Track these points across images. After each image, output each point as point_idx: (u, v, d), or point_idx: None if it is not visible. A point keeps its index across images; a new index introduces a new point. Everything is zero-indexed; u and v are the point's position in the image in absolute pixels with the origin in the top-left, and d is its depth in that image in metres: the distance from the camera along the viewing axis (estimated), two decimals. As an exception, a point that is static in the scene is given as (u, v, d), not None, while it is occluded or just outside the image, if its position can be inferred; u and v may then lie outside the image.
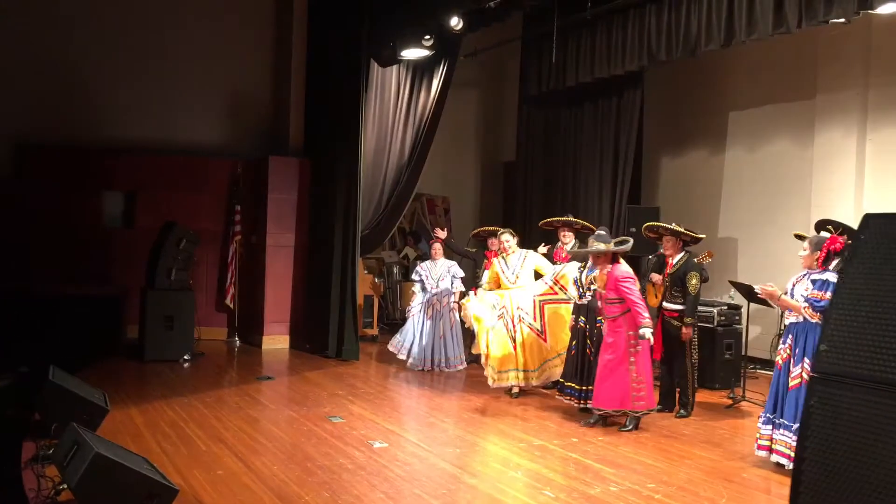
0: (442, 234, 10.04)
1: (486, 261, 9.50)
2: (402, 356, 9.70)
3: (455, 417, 7.51)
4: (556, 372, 7.99)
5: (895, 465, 2.38)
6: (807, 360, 5.56)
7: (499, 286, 8.41)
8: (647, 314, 6.70)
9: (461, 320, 8.94)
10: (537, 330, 8.10)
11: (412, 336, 9.70)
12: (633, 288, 6.78)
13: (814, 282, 5.69)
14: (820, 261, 5.78)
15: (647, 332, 6.62)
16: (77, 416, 5.44)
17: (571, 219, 9.10)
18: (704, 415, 7.53)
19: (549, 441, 6.43)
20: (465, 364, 9.63)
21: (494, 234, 9.47)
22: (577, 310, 7.62)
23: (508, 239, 8.47)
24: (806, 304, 5.65)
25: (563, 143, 11.91)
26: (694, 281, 7.30)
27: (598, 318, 7.31)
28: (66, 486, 4.49)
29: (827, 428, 2.57)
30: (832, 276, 5.62)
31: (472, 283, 9.91)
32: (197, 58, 11.60)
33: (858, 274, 2.62)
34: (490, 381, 8.00)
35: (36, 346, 8.39)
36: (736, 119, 11.08)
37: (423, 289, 9.75)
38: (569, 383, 7.50)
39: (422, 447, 6.18)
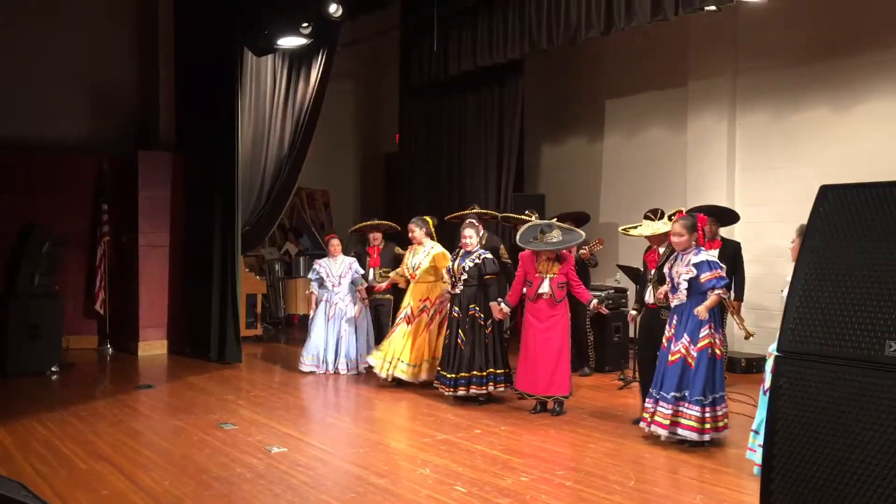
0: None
1: (369, 258, 9.25)
2: (319, 368, 8.93)
3: (353, 416, 7.29)
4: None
5: (869, 443, 2.38)
6: (686, 337, 5.79)
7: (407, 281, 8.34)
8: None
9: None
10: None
11: (322, 342, 8.97)
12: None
13: (697, 265, 5.77)
14: (701, 238, 5.98)
15: (594, 301, 7.01)
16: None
17: (478, 210, 8.92)
18: (598, 398, 7.62)
19: (453, 434, 6.31)
20: (358, 367, 8.96)
21: (377, 229, 9.27)
22: (451, 299, 7.55)
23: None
24: (720, 290, 5.76)
25: (446, 132, 11.84)
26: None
27: (471, 306, 7.31)
28: (-73, 521, 3.98)
29: (797, 409, 2.54)
30: (710, 254, 5.98)
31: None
32: (54, 47, 10.73)
33: (820, 248, 2.60)
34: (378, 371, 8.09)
35: None
36: (613, 106, 11.34)
37: (322, 286, 9.07)
38: (444, 372, 7.42)
39: (323, 449, 5.92)
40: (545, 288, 6.91)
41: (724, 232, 8.19)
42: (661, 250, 6.45)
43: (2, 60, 10.29)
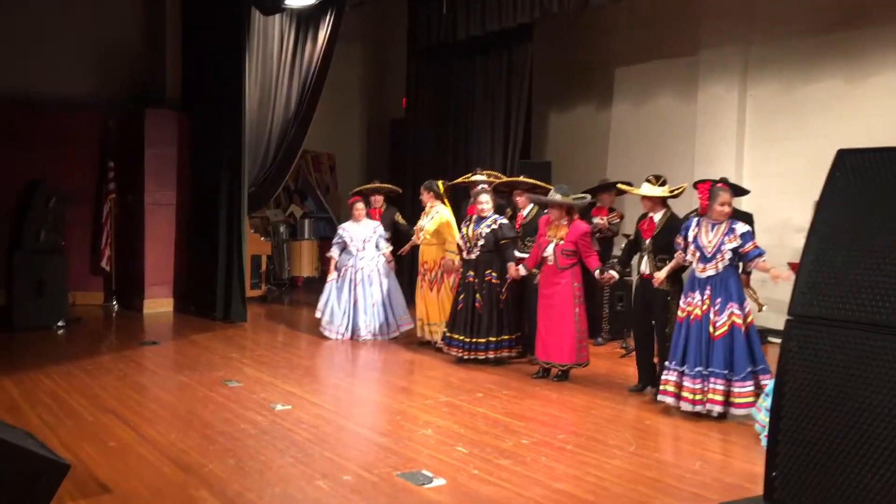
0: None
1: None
2: (332, 334, 8.69)
3: (356, 377, 7.35)
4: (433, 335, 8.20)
5: (878, 407, 2.38)
6: (734, 307, 5.67)
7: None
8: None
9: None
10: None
11: (337, 307, 8.70)
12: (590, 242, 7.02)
13: (743, 235, 5.70)
14: (704, 208, 5.90)
15: (597, 271, 6.70)
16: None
17: (480, 176, 8.57)
18: (601, 365, 7.66)
19: (455, 397, 6.35)
20: (399, 330, 8.76)
21: (378, 192, 9.24)
22: (466, 264, 7.56)
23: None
24: (763, 259, 5.74)
25: (453, 97, 11.75)
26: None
27: (487, 271, 7.33)
28: (-63, 467, 4.03)
29: (806, 372, 2.54)
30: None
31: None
32: (61, 2, 10.64)
33: (835, 212, 2.58)
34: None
35: None
36: (623, 74, 11.23)
37: (345, 251, 8.75)
38: (457, 336, 7.46)
39: (326, 409, 5.96)
40: (548, 252, 6.90)
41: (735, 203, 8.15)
42: (657, 218, 6.32)
43: (9, 16, 10.20)
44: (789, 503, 2.71)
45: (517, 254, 7.40)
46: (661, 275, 6.05)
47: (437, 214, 8.22)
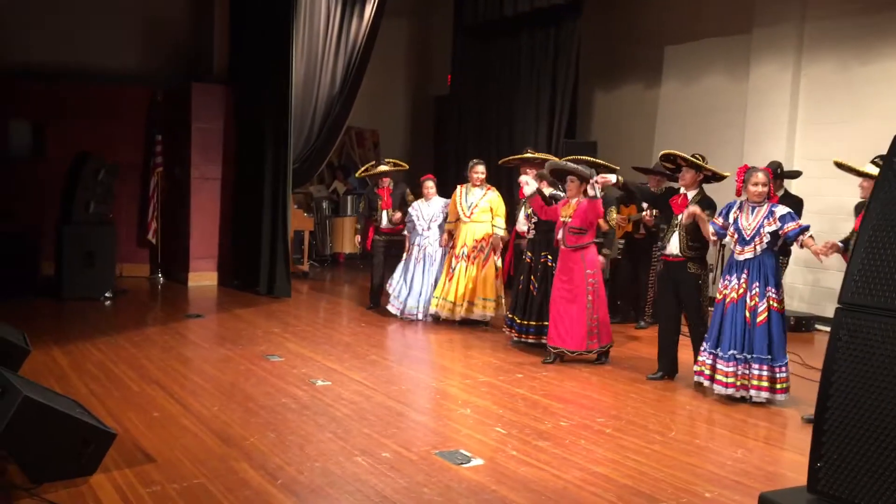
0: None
1: (380, 200, 9.08)
2: (396, 310, 8.64)
3: (397, 354, 7.37)
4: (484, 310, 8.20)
5: None
6: (771, 291, 5.60)
7: (457, 219, 8.34)
8: None
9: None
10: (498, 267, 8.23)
11: (404, 284, 8.63)
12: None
13: (782, 218, 5.59)
14: (739, 189, 5.81)
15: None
16: (-4, 357, 5.04)
17: (530, 154, 8.35)
18: (643, 349, 7.58)
19: (495, 377, 6.35)
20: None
21: (386, 174, 9.11)
22: (527, 245, 7.55)
23: (482, 170, 8.25)
24: (809, 235, 5.62)
25: (498, 75, 11.64)
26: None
27: (542, 253, 7.25)
28: (-11, 433, 4.15)
29: (855, 362, 2.47)
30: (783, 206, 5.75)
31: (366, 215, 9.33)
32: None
33: (890, 200, 2.49)
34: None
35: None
36: (672, 53, 11.02)
37: (413, 230, 8.67)
38: (516, 318, 7.44)
39: (366, 385, 6.00)
40: (559, 233, 6.83)
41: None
42: (690, 195, 6.10)
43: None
44: (834, 495, 2.65)
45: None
46: (696, 210, 5.94)
47: (489, 192, 8.27)
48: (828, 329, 7.24)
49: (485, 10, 11.28)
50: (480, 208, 8.20)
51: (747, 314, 5.65)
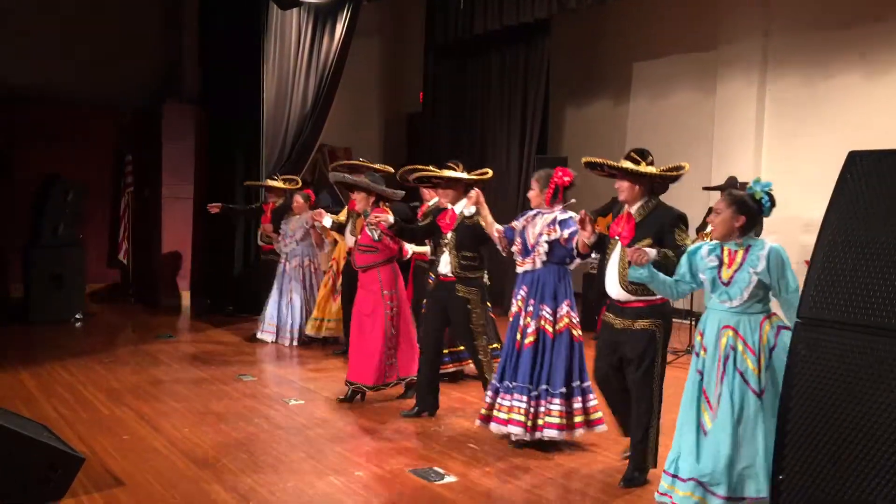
0: None
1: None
2: None
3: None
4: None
5: (885, 410, 2.35)
6: (546, 309, 4.84)
7: None
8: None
9: None
10: None
11: None
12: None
13: (562, 223, 4.81)
14: (548, 198, 4.90)
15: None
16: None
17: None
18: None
19: (466, 394, 6.34)
20: None
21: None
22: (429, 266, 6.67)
23: None
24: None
25: (470, 92, 11.73)
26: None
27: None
28: (-46, 459, 4.07)
29: (814, 375, 2.52)
30: (566, 213, 4.90)
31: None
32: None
33: (845, 215, 2.55)
34: None
35: None
36: (640, 69, 11.16)
37: None
38: None
39: (339, 404, 5.96)
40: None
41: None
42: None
43: (26, 12, 10.25)
44: (796, 506, 2.68)
45: (416, 248, 6.51)
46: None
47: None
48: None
49: (455, 28, 11.36)
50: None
51: (517, 335, 4.93)
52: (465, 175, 5.59)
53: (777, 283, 3.57)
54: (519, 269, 5.00)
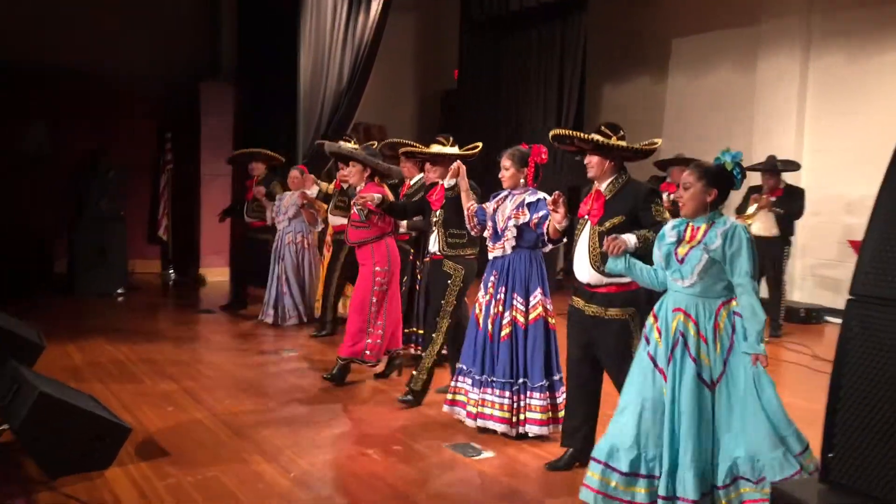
0: None
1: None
2: None
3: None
4: None
5: None
6: (517, 298, 4.61)
7: None
8: None
9: None
10: None
11: None
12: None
13: (530, 206, 4.60)
14: (530, 177, 4.70)
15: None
16: (12, 353, 5.11)
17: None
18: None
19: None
20: None
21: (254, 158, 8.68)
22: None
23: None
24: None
25: (506, 69, 11.66)
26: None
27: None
28: (6, 427, 4.21)
29: (868, 353, 2.48)
30: (536, 194, 4.65)
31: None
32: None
33: (903, 188, 2.50)
34: None
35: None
36: (679, 45, 11.01)
37: None
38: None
39: (380, 380, 6.04)
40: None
41: (791, 178, 7.99)
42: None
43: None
44: (845, 485, 2.67)
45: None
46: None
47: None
48: (837, 321, 7.26)
49: (491, 5, 11.29)
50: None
51: (490, 327, 4.69)
52: (453, 150, 5.40)
53: (729, 265, 3.39)
54: (490, 255, 4.79)
